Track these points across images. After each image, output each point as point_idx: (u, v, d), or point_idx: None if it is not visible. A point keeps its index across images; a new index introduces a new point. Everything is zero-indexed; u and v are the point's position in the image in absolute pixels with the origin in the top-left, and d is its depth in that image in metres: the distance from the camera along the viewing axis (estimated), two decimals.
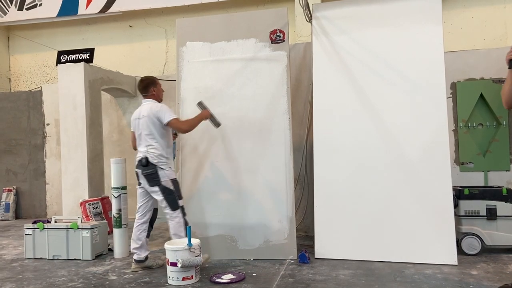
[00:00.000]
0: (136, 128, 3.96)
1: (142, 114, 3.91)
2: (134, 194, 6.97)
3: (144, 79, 4.07)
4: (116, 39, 7.83)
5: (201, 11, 7.18)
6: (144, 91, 4.00)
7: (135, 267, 3.95)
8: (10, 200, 7.36)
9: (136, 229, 3.99)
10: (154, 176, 3.84)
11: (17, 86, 8.39)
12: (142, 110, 3.93)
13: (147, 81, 4.03)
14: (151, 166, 3.83)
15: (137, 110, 4.02)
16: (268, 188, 4.30)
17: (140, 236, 3.97)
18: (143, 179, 3.91)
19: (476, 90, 5.50)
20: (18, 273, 4.02)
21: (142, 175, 3.90)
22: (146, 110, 3.88)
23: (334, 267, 3.85)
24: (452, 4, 6.29)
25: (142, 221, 4.01)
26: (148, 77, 4.11)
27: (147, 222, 4.03)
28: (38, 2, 7.84)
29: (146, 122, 3.86)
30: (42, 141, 7.47)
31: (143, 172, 3.87)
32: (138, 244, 3.94)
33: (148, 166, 3.83)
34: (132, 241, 3.98)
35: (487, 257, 4.02)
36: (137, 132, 3.96)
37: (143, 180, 3.92)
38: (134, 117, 4.00)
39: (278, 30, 4.43)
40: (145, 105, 3.95)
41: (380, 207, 4.05)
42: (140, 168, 3.90)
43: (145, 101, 4.01)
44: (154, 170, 3.83)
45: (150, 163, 3.83)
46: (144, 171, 3.86)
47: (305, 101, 5.36)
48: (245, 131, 4.40)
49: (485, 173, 5.46)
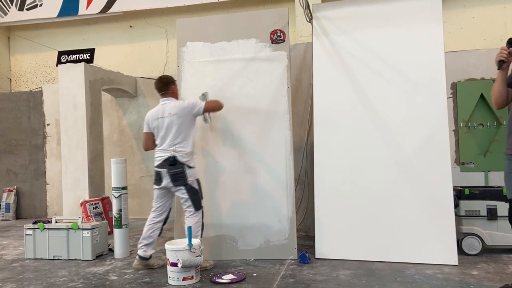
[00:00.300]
0: (159, 127, 3.88)
1: (166, 112, 3.86)
2: (134, 195, 7.01)
3: (164, 77, 4.05)
4: (117, 39, 7.84)
5: (202, 11, 7.18)
6: (165, 89, 3.98)
7: (137, 263, 3.94)
8: (10, 200, 7.37)
9: (149, 227, 3.97)
10: (181, 176, 3.80)
11: (17, 87, 8.40)
12: (166, 108, 3.89)
13: (167, 79, 4.03)
14: (179, 165, 3.79)
15: (155, 110, 3.96)
16: (269, 188, 4.30)
17: (153, 234, 3.97)
18: (168, 178, 3.83)
19: (477, 90, 5.50)
20: (18, 273, 4.02)
21: (167, 175, 3.82)
22: (173, 108, 3.85)
23: (334, 267, 3.85)
24: (452, 4, 6.29)
25: (158, 220, 3.99)
26: (167, 76, 4.11)
27: (162, 221, 4.03)
28: (38, 2, 7.85)
29: (174, 120, 3.82)
30: (43, 141, 7.47)
31: (170, 171, 3.80)
32: (148, 241, 3.94)
33: (176, 165, 3.79)
34: (142, 238, 3.96)
35: (488, 257, 4.02)
36: (160, 131, 3.88)
37: (166, 180, 3.84)
38: (154, 116, 3.92)
39: (279, 30, 4.43)
40: (168, 104, 3.91)
41: (381, 207, 4.05)
42: (165, 167, 3.82)
43: (165, 100, 3.96)
44: (181, 169, 3.80)
45: (178, 162, 3.79)
46: (170, 170, 3.79)
47: (305, 101, 5.36)
48: (246, 131, 4.40)
49: (486, 173, 5.46)
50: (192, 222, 3.84)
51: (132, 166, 7.10)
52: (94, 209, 5.57)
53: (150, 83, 7.12)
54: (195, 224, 3.84)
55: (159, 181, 3.90)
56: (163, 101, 3.98)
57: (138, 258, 3.95)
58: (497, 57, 2.89)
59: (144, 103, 7.20)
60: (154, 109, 4.00)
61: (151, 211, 4.02)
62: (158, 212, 4.00)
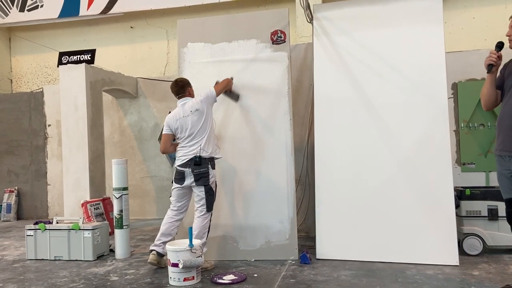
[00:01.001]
0: (182, 127, 3.88)
1: (188, 111, 3.87)
2: (135, 195, 7.01)
3: (179, 81, 4.05)
4: (117, 40, 7.85)
5: (202, 12, 7.19)
6: (182, 92, 3.99)
7: (154, 259, 3.88)
8: (11, 201, 7.37)
9: (170, 224, 3.96)
10: (205, 175, 3.82)
11: (18, 87, 8.41)
12: (186, 108, 3.90)
13: (182, 82, 4.03)
14: (204, 165, 3.82)
15: (175, 112, 3.96)
16: (269, 189, 4.30)
17: (172, 232, 3.97)
18: (192, 178, 3.84)
19: (478, 91, 5.39)
20: (19, 274, 4.03)
21: (192, 174, 3.83)
22: (193, 105, 3.88)
23: (335, 267, 3.85)
24: (453, 4, 6.29)
25: (178, 218, 4.01)
26: (183, 79, 4.11)
27: (181, 220, 4.05)
28: (39, 3, 7.86)
29: (196, 117, 3.85)
30: (44, 142, 7.48)
31: (195, 170, 3.81)
32: (168, 238, 3.93)
33: (202, 165, 3.81)
34: (161, 235, 3.94)
35: (489, 258, 4.02)
36: (183, 131, 3.88)
37: (190, 179, 3.85)
38: (176, 117, 3.91)
39: (279, 31, 4.43)
40: (187, 103, 3.93)
41: (382, 208, 4.05)
42: (190, 167, 3.82)
43: (182, 100, 3.98)
44: (206, 169, 3.83)
45: (203, 162, 3.82)
46: (195, 170, 3.81)
47: (306, 102, 5.36)
48: (246, 132, 4.40)
49: (487, 173, 5.45)
50: (202, 223, 3.86)
51: (133, 166, 7.10)
52: (95, 210, 5.58)
53: (151, 83, 7.15)
54: (203, 225, 3.86)
55: (181, 180, 3.90)
56: (182, 102, 3.98)
57: (156, 254, 3.90)
58: (487, 61, 3.00)
59: (145, 103, 7.21)
60: (174, 111, 3.99)
61: (171, 209, 4.01)
62: (179, 211, 4.01)
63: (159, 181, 7.14)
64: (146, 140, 7.21)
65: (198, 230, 3.83)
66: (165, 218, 4.02)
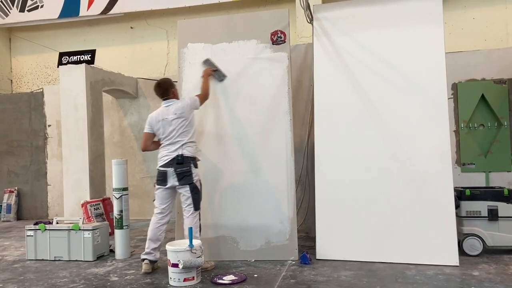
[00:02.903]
0: (164, 128, 3.89)
1: (171, 113, 3.89)
2: (135, 195, 7.01)
3: (162, 83, 4.06)
4: (118, 41, 7.85)
5: (202, 12, 7.19)
6: (166, 94, 4.01)
7: (148, 268, 3.87)
8: (11, 201, 7.37)
9: (156, 230, 3.95)
10: (188, 174, 3.84)
11: (18, 88, 8.41)
12: (170, 109, 3.92)
13: (165, 84, 4.04)
14: (187, 164, 3.83)
15: (158, 112, 3.97)
16: (269, 189, 4.30)
17: (160, 236, 3.96)
18: (174, 177, 3.84)
19: (477, 91, 5.50)
20: (19, 274, 4.03)
21: (174, 173, 3.83)
22: (178, 108, 3.90)
23: (335, 268, 3.85)
24: (453, 5, 6.29)
25: (164, 222, 3.99)
26: (165, 80, 4.11)
27: (167, 223, 4.03)
28: (39, 3, 7.87)
29: (180, 120, 3.87)
30: (44, 142, 7.48)
31: (177, 170, 3.82)
32: (156, 244, 3.93)
33: (184, 164, 3.82)
34: (149, 242, 3.93)
35: (489, 258, 4.02)
36: (165, 132, 3.89)
37: (172, 179, 3.86)
38: (158, 118, 3.93)
39: (279, 31, 4.43)
40: (172, 105, 3.94)
41: (382, 208, 4.05)
42: (173, 166, 3.83)
43: (167, 102, 3.99)
44: (189, 168, 3.84)
45: (185, 161, 3.83)
46: (178, 169, 3.82)
47: (306, 102, 5.37)
48: (246, 132, 4.40)
49: (487, 174, 5.45)
50: (192, 222, 3.85)
51: (133, 167, 7.10)
52: (95, 210, 5.58)
53: (151, 84, 7.10)
54: (194, 224, 3.86)
55: (164, 181, 3.90)
56: (166, 103, 3.99)
57: (148, 263, 3.89)
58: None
59: (145, 104, 7.21)
60: (157, 111, 4.01)
61: (156, 213, 3.98)
62: (164, 214, 3.98)
63: None
64: None
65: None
66: (151, 224, 3.98)
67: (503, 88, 5.45)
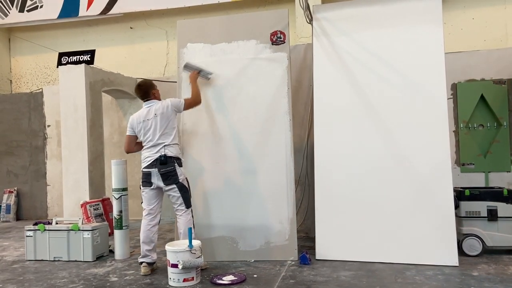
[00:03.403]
0: (146, 129, 3.89)
1: (152, 114, 3.89)
2: (135, 196, 7.00)
3: (142, 84, 4.06)
4: (117, 41, 7.85)
5: (202, 12, 7.19)
6: (146, 96, 4.01)
7: (147, 270, 3.87)
8: (11, 201, 7.37)
9: (148, 232, 3.93)
10: (173, 174, 3.83)
11: (18, 88, 8.41)
12: (151, 110, 3.92)
13: (145, 86, 4.04)
14: (171, 163, 3.83)
15: (139, 114, 3.97)
16: (269, 189, 4.30)
17: (153, 238, 3.96)
18: (159, 178, 3.84)
19: (477, 91, 5.51)
20: (19, 274, 4.02)
21: (158, 174, 3.83)
22: (159, 109, 3.89)
23: (335, 268, 3.85)
24: (452, 5, 6.30)
25: (154, 223, 3.97)
26: (145, 82, 4.12)
27: (158, 224, 4.01)
28: (39, 4, 7.86)
29: (161, 120, 3.86)
30: (43, 142, 7.47)
31: (161, 170, 3.81)
32: (151, 246, 3.93)
33: (168, 164, 3.82)
34: (143, 244, 3.92)
35: (488, 258, 4.02)
36: (147, 133, 3.89)
37: (157, 180, 3.85)
38: (139, 119, 3.93)
39: (279, 32, 4.43)
40: (153, 106, 3.94)
41: (381, 208, 4.05)
42: (156, 167, 3.83)
43: (148, 103, 3.99)
44: (173, 167, 3.83)
45: (169, 161, 3.83)
46: (162, 169, 3.81)
47: (305, 102, 5.37)
48: (246, 132, 4.40)
49: (486, 174, 5.46)
50: (185, 221, 3.86)
51: (132, 167, 7.09)
52: (94, 210, 5.57)
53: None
54: (188, 221, 3.87)
55: (149, 182, 3.89)
56: (147, 105, 3.99)
57: (146, 266, 3.89)
58: None
59: None
60: (138, 113, 4.01)
61: (145, 215, 3.97)
62: (153, 215, 3.97)
63: None
64: None
65: (184, 227, 3.83)
66: (142, 227, 3.98)
67: (502, 88, 5.45)
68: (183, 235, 3.81)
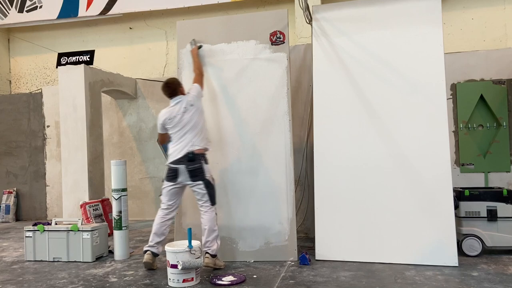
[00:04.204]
0: (175, 125, 3.92)
1: (182, 109, 3.91)
2: (134, 196, 7.01)
3: (170, 83, 4.05)
4: (116, 41, 7.84)
5: (201, 13, 7.19)
6: (174, 94, 4.02)
7: (150, 258, 3.92)
8: (10, 202, 7.36)
9: (161, 224, 3.98)
10: (200, 171, 3.86)
11: (17, 88, 8.40)
12: (179, 106, 3.94)
13: (173, 85, 4.04)
14: (198, 160, 3.86)
15: (169, 110, 3.98)
16: (269, 190, 4.30)
17: (165, 231, 3.99)
18: (186, 174, 3.86)
19: (476, 91, 5.51)
20: (18, 275, 4.02)
21: (185, 170, 3.85)
22: (188, 102, 3.94)
23: (334, 268, 3.85)
24: (452, 6, 6.30)
25: (169, 217, 4.02)
26: (173, 81, 4.09)
27: (173, 219, 4.06)
28: (38, 4, 7.86)
29: (190, 114, 3.91)
30: (43, 143, 7.47)
31: (189, 167, 3.84)
32: (161, 238, 3.97)
33: (195, 161, 3.85)
34: (154, 235, 3.96)
35: (488, 259, 4.02)
36: (176, 128, 3.92)
37: (184, 176, 3.88)
38: (169, 116, 3.94)
39: (278, 32, 4.43)
40: (180, 101, 3.97)
41: (381, 209, 4.05)
42: (184, 163, 3.85)
43: (176, 99, 4.00)
44: (200, 164, 3.86)
45: (196, 158, 3.85)
46: (190, 166, 3.84)
47: (305, 103, 5.37)
48: (246, 133, 4.40)
49: (486, 174, 5.46)
50: (210, 218, 3.90)
51: (132, 167, 7.10)
52: (94, 211, 5.57)
53: (150, 84, 7.15)
54: (212, 219, 3.90)
55: (174, 178, 3.92)
56: (175, 100, 4.00)
57: (151, 254, 3.94)
58: None
59: (143, 104, 7.20)
60: (167, 110, 4.02)
61: (161, 208, 4.02)
62: (170, 210, 4.02)
63: (158, 182, 7.13)
64: (145, 141, 7.20)
65: (209, 224, 3.87)
66: (156, 218, 4.03)
67: (502, 88, 5.46)
68: (207, 232, 3.86)
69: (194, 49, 4.48)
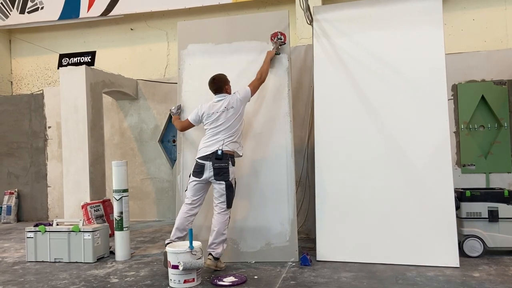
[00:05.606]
0: (211, 121, 3.92)
1: (222, 108, 3.91)
2: (135, 197, 7.01)
3: (217, 79, 4.05)
4: (118, 42, 7.86)
5: (202, 13, 7.20)
6: (219, 91, 4.03)
7: None
8: (12, 203, 7.36)
9: (184, 219, 3.95)
10: (225, 171, 3.86)
11: (18, 89, 8.42)
12: (221, 104, 3.94)
13: (220, 81, 4.05)
14: (225, 160, 3.85)
15: (210, 105, 3.98)
16: (270, 191, 4.30)
17: (187, 227, 3.94)
18: (212, 171, 3.86)
19: (477, 92, 5.50)
20: (20, 276, 4.02)
21: (212, 167, 3.85)
22: (229, 104, 3.92)
23: (336, 269, 3.85)
24: (453, 6, 6.30)
25: (193, 213, 4.00)
26: (220, 77, 4.08)
27: (196, 215, 4.04)
28: (39, 5, 7.88)
29: (229, 115, 3.89)
30: (44, 143, 7.48)
31: (215, 164, 3.84)
32: (182, 233, 3.95)
33: (223, 159, 3.84)
34: (176, 230, 3.94)
35: (489, 259, 4.01)
36: (212, 124, 3.92)
37: (209, 173, 3.87)
38: (208, 112, 3.95)
39: (279, 33, 4.44)
40: (223, 100, 3.96)
41: (382, 209, 4.05)
42: (211, 160, 3.85)
43: (220, 96, 4.01)
44: (226, 165, 3.86)
45: (225, 157, 3.85)
46: (216, 163, 3.84)
47: (306, 103, 5.37)
48: (246, 134, 4.40)
49: (487, 175, 5.45)
50: (222, 219, 3.89)
51: (133, 168, 7.10)
52: (95, 212, 5.58)
53: (151, 85, 7.16)
54: (224, 221, 3.89)
55: (200, 174, 3.92)
56: (219, 98, 4.01)
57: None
58: None
59: (145, 105, 7.21)
60: (209, 105, 4.01)
61: (186, 203, 4.01)
62: (194, 205, 4.00)
63: (159, 183, 7.14)
64: (146, 142, 7.21)
65: (219, 226, 3.86)
66: (180, 213, 4.00)
67: (503, 89, 5.45)
68: (215, 234, 3.85)
69: (271, 52, 4.35)
